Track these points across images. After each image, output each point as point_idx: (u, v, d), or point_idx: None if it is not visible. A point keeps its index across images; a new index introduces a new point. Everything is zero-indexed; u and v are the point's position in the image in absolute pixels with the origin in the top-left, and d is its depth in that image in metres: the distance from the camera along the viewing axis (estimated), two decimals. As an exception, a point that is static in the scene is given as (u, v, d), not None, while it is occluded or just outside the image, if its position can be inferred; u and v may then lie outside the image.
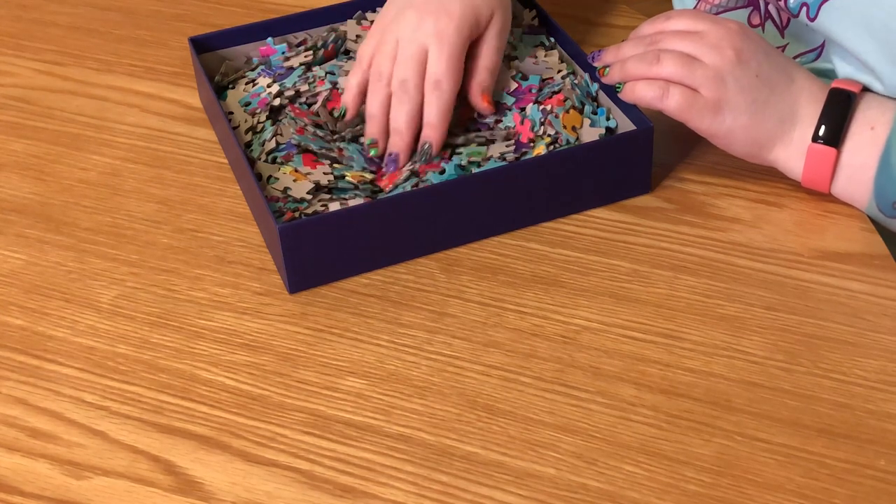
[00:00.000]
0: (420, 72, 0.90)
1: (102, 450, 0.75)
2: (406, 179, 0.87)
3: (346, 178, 0.87)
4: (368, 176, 0.88)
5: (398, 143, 0.90)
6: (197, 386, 0.79)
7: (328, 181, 0.87)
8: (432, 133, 0.90)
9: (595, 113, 0.92)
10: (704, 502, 0.71)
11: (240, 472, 0.73)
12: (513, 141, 0.90)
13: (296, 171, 0.88)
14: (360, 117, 0.93)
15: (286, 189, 0.87)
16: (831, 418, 0.75)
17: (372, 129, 0.91)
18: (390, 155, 0.90)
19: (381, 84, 0.91)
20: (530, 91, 0.93)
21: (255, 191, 0.86)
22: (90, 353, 0.82)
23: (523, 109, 0.93)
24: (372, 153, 0.90)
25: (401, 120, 0.90)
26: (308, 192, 0.87)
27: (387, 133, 0.91)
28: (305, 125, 0.91)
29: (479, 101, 0.92)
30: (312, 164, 0.88)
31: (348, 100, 0.93)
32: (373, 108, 0.91)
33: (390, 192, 0.87)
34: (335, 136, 0.91)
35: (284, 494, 0.72)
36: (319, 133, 0.91)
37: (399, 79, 0.90)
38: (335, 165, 0.88)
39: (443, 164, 0.87)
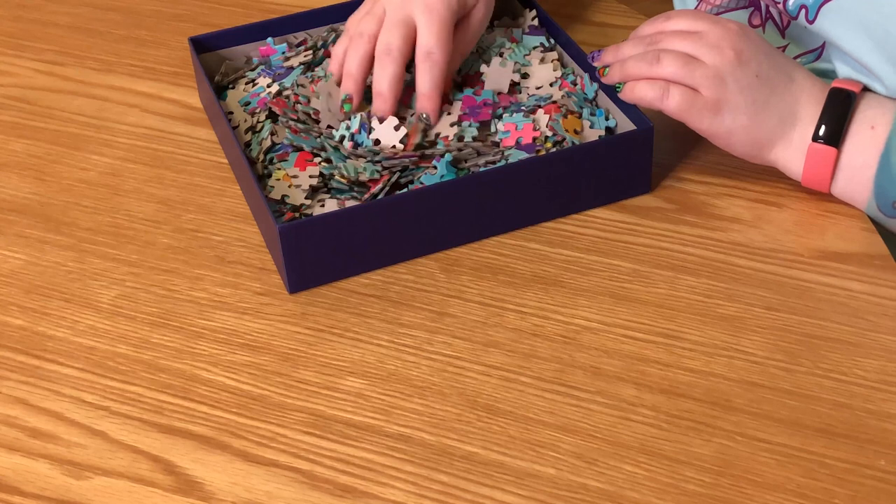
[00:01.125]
0: (406, 38, 0.90)
1: (102, 450, 0.75)
2: (388, 183, 0.87)
3: (336, 177, 0.87)
4: (363, 178, 0.87)
5: (381, 106, 0.91)
6: (197, 386, 0.79)
7: (313, 184, 0.87)
8: (427, 103, 0.91)
9: (593, 114, 0.92)
10: (704, 502, 0.71)
11: (240, 472, 0.73)
12: (500, 149, 0.89)
13: (287, 175, 0.88)
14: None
15: (283, 197, 0.87)
16: (831, 418, 0.75)
17: (348, 86, 0.92)
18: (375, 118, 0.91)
19: (362, 41, 0.91)
20: (485, 104, 0.93)
21: (255, 191, 0.86)
22: (90, 353, 0.82)
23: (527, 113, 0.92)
24: (346, 109, 0.91)
25: (383, 84, 0.90)
26: (305, 198, 0.87)
27: (361, 92, 0.92)
28: (294, 121, 0.91)
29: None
30: (304, 164, 0.88)
31: (334, 67, 0.94)
32: (351, 65, 0.91)
33: (375, 194, 0.86)
34: (322, 133, 0.91)
35: (284, 494, 0.72)
36: (314, 131, 0.90)
37: (384, 43, 0.90)
38: (324, 164, 0.88)
39: (434, 163, 0.87)
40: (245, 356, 0.81)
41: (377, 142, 0.89)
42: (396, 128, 0.90)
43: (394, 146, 0.89)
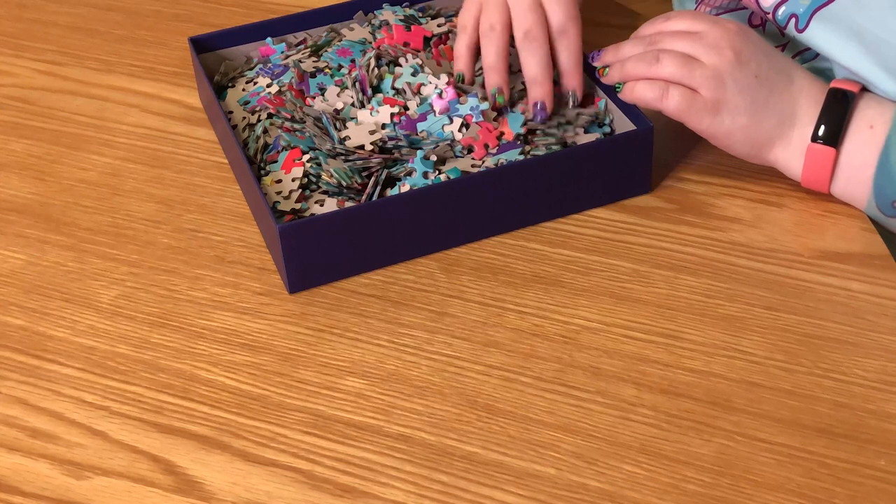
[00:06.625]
0: (542, 20, 0.90)
1: (102, 450, 0.75)
2: (379, 182, 0.87)
3: (323, 178, 0.87)
4: (344, 182, 0.87)
5: (540, 92, 0.90)
6: (197, 386, 0.79)
7: (293, 187, 0.87)
8: (571, 80, 0.92)
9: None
10: (704, 502, 0.71)
11: (240, 472, 0.73)
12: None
13: (273, 181, 0.88)
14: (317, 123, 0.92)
15: (275, 204, 0.87)
16: (831, 418, 0.75)
17: (494, 80, 0.91)
18: (536, 105, 0.90)
19: (496, 34, 0.91)
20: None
21: (255, 191, 0.86)
22: (90, 353, 0.82)
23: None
24: (499, 101, 0.91)
25: (537, 70, 0.90)
26: (296, 202, 0.87)
27: (508, 81, 0.92)
28: (287, 120, 0.91)
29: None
30: (290, 166, 0.88)
31: (462, 66, 0.94)
32: (490, 58, 0.91)
33: (370, 195, 0.86)
34: (304, 123, 0.91)
35: (284, 494, 0.72)
36: (307, 129, 0.90)
37: (523, 30, 0.90)
38: (312, 164, 0.88)
39: (409, 166, 0.87)
40: (245, 356, 0.81)
41: (346, 138, 0.89)
42: (372, 132, 0.90)
43: (363, 147, 0.89)
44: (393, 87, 0.94)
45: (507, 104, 0.91)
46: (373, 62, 0.94)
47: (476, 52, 0.93)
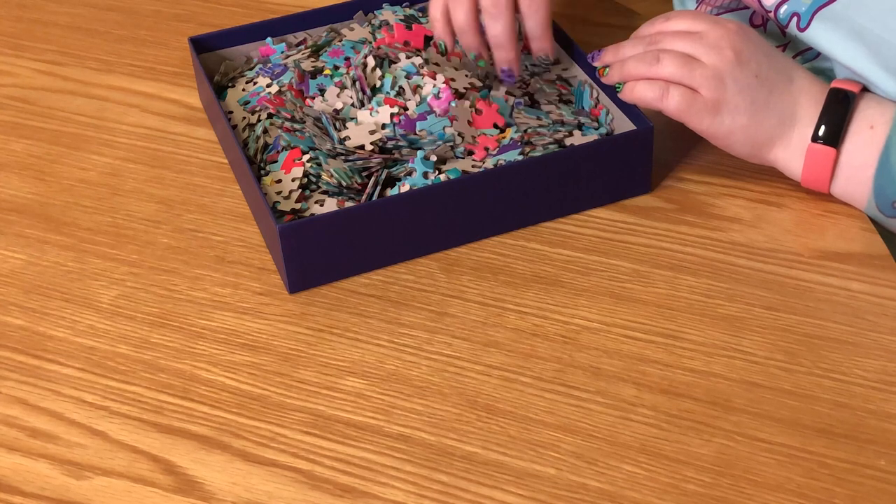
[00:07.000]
0: None
1: (102, 450, 0.75)
2: (379, 182, 0.87)
3: (323, 178, 0.87)
4: (344, 182, 0.87)
5: (505, 57, 0.92)
6: (197, 386, 0.79)
7: (293, 187, 0.87)
8: (541, 44, 0.93)
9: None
10: (704, 502, 0.71)
11: (240, 472, 0.73)
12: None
13: (273, 181, 0.88)
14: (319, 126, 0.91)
15: (275, 204, 0.87)
16: (831, 418, 0.75)
17: (468, 42, 0.93)
18: (503, 71, 0.92)
19: None
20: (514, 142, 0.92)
21: (255, 191, 0.86)
22: (90, 353, 0.82)
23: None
24: (481, 65, 0.93)
25: (500, 36, 0.91)
26: (296, 202, 0.87)
27: (484, 44, 0.93)
28: (287, 120, 0.91)
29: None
30: (290, 165, 0.88)
31: (440, 32, 0.94)
32: (459, 21, 0.92)
33: (370, 195, 0.86)
34: (304, 123, 0.91)
35: (284, 494, 0.72)
36: (311, 129, 0.90)
37: None
38: (312, 164, 0.88)
39: (409, 166, 0.87)
40: (245, 356, 0.81)
41: (346, 138, 0.89)
42: (372, 132, 0.90)
43: (363, 147, 0.89)
44: (392, 88, 0.94)
45: (491, 67, 0.93)
46: (370, 61, 0.94)
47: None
